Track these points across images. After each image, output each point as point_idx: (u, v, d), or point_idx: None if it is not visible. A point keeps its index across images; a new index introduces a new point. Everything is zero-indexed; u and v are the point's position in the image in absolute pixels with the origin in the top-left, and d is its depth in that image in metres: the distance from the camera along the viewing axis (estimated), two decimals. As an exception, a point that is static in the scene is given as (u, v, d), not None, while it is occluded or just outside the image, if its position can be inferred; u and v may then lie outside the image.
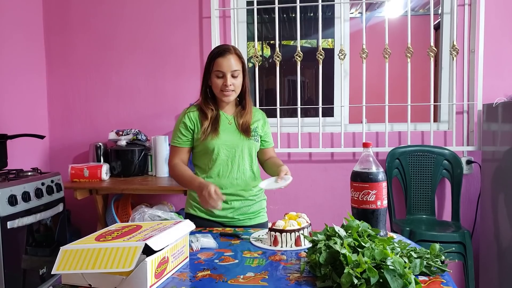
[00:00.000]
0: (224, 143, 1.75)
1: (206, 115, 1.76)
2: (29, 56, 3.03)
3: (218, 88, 1.73)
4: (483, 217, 2.66)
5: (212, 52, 1.75)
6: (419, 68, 3.26)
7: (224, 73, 1.70)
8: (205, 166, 1.78)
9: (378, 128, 2.92)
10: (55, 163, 3.18)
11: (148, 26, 3.07)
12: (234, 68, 1.71)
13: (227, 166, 1.76)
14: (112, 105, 3.14)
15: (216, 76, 1.72)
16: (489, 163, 2.59)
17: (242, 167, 1.79)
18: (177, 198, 3.06)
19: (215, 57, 1.71)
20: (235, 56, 1.72)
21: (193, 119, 1.78)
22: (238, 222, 1.80)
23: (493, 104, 2.49)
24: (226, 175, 1.76)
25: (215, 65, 1.71)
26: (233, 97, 1.77)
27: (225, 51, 1.71)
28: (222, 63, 1.70)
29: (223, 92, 1.73)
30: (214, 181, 1.74)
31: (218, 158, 1.75)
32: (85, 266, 1.03)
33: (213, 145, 1.73)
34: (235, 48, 1.75)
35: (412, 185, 2.75)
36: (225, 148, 1.75)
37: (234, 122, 1.81)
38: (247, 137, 1.78)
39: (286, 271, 1.17)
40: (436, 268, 1.11)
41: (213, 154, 1.74)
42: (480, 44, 2.69)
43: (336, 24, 2.96)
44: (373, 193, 1.28)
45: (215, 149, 1.74)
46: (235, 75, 1.72)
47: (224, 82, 1.71)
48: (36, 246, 2.30)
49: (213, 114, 1.77)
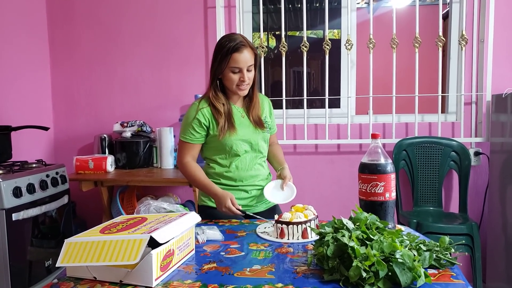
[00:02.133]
0: (241, 138, 1.74)
1: (219, 111, 1.72)
2: (33, 48, 3.01)
3: (234, 83, 1.69)
4: (491, 209, 2.63)
5: (225, 45, 1.66)
6: (427, 58, 3.21)
7: (241, 68, 1.67)
8: (223, 161, 1.77)
9: (385, 119, 2.89)
10: (60, 155, 3.18)
11: (152, 17, 3.04)
12: (250, 63, 1.68)
13: (245, 160, 1.77)
14: (117, 97, 3.13)
15: (231, 72, 1.67)
16: (497, 155, 2.55)
17: (259, 158, 1.82)
18: (182, 190, 3.06)
19: (231, 52, 1.64)
20: (250, 50, 1.68)
21: (207, 115, 1.72)
22: (255, 209, 1.82)
23: (502, 94, 2.45)
24: (245, 169, 1.78)
25: (231, 61, 1.65)
26: (247, 91, 1.75)
27: (241, 46, 1.65)
28: (239, 59, 1.65)
29: (240, 87, 1.70)
30: (233, 175, 1.76)
31: (236, 153, 1.75)
32: (89, 258, 1.02)
33: (231, 141, 1.72)
34: (247, 40, 1.69)
35: (419, 177, 2.73)
36: (242, 143, 1.75)
37: (245, 114, 1.80)
38: (261, 129, 1.79)
39: (293, 264, 1.15)
40: (446, 261, 1.09)
41: (231, 150, 1.74)
42: (489, 33, 2.64)
43: (343, 14, 2.92)
44: (382, 185, 1.26)
45: (234, 146, 1.73)
46: (249, 69, 1.69)
47: (241, 77, 1.68)
48: (41, 238, 2.31)
49: (226, 109, 1.74)
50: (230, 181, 1.77)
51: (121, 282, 1.03)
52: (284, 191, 1.76)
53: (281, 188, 1.77)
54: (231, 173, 1.76)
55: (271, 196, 1.75)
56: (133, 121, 2.94)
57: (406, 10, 4.42)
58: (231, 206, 1.63)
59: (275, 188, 1.78)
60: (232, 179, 1.77)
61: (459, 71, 2.79)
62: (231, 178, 1.77)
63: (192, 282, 1.04)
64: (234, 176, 1.76)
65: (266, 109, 1.89)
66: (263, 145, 1.82)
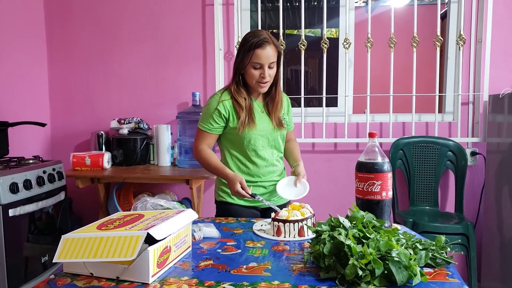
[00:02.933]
0: (260, 134, 1.75)
1: (241, 105, 1.72)
2: (31, 44, 3.00)
3: (254, 79, 1.70)
4: (487, 209, 2.64)
5: (249, 41, 1.66)
6: (425, 58, 3.22)
7: (263, 65, 1.66)
8: (241, 155, 1.78)
9: (382, 118, 2.89)
10: (57, 152, 3.18)
11: (150, 14, 3.03)
12: (272, 60, 1.68)
13: (264, 156, 1.78)
14: (114, 94, 3.12)
15: (253, 67, 1.68)
16: (494, 155, 2.57)
17: (276, 155, 1.84)
18: (179, 187, 3.06)
19: (254, 47, 1.65)
20: (273, 47, 1.68)
21: (228, 107, 1.73)
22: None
23: (499, 95, 2.46)
24: (264, 165, 1.79)
25: (253, 56, 1.65)
26: (267, 88, 1.75)
27: (264, 43, 1.64)
28: (261, 55, 1.65)
29: (259, 83, 1.71)
30: (251, 171, 1.78)
31: (254, 148, 1.76)
32: (86, 255, 1.02)
33: (250, 136, 1.73)
34: (272, 37, 1.69)
35: (415, 176, 2.74)
36: (261, 139, 1.76)
37: (265, 110, 1.81)
38: (280, 128, 1.81)
39: (290, 262, 1.16)
40: (442, 260, 1.10)
41: (249, 144, 1.75)
42: (487, 33, 2.65)
43: (341, 13, 2.92)
44: (378, 183, 1.26)
45: (252, 140, 1.74)
46: (271, 66, 1.69)
47: (262, 74, 1.68)
48: (38, 234, 2.30)
49: (247, 104, 1.74)
50: (249, 176, 1.78)
51: (118, 278, 1.03)
52: (297, 187, 1.76)
53: (294, 184, 1.77)
54: (249, 169, 1.78)
55: (284, 192, 1.76)
56: (130, 118, 2.93)
57: (404, 9, 4.43)
58: (240, 190, 1.63)
59: (287, 185, 1.79)
60: (250, 174, 1.78)
61: (456, 71, 2.80)
62: (250, 173, 1.78)
63: (188, 279, 1.04)
64: (253, 172, 1.78)
65: (285, 107, 1.89)
66: (280, 142, 1.85)
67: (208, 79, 3.00)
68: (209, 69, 2.99)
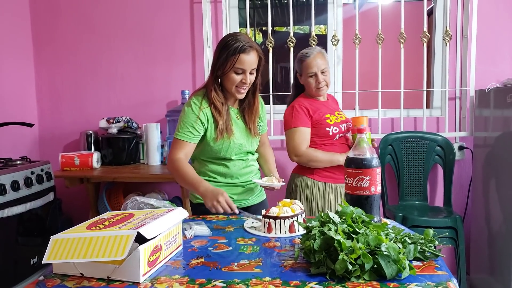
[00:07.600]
0: (236, 141, 1.73)
1: (220, 112, 1.68)
2: (16, 43, 2.96)
3: (234, 84, 1.65)
4: (475, 202, 2.68)
5: (231, 45, 1.61)
6: (412, 54, 3.24)
7: (245, 70, 1.63)
8: (214, 162, 1.76)
9: (371, 114, 2.91)
10: (45, 152, 3.14)
11: (138, 11, 3.01)
12: (254, 66, 1.65)
13: (239, 162, 1.78)
14: (102, 93, 3.10)
15: (234, 72, 1.63)
16: (481, 149, 2.60)
17: (251, 161, 1.84)
18: (169, 186, 3.05)
19: (238, 52, 1.59)
20: (256, 53, 1.64)
21: (208, 116, 1.68)
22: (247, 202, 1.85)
23: (485, 90, 2.49)
24: (239, 173, 1.79)
25: (237, 61, 1.60)
26: (245, 94, 1.72)
27: (248, 48, 1.61)
28: (245, 61, 1.61)
29: (239, 88, 1.67)
30: (227, 180, 1.77)
31: (231, 156, 1.74)
32: (76, 255, 1.02)
33: (227, 144, 1.71)
34: (254, 43, 1.66)
35: (404, 171, 2.76)
36: (237, 147, 1.74)
37: (240, 116, 1.79)
38: (256, 135, 1.80)
39: (280, 258, 1.16)
40: (430, 253, 1.11)
41: (226, 153, 1.73)
42: (473, 29, 2.68)
43: (329, 10, 2.93)
44: (367, 179, 1.27)
45: (229, 149, 1.72)
46: (252, 72, 1.66)
47: (243, 79, 1.64)
48: (27, 236, 2.28)
49: (224, 110, 1.70)
50: (227, 178, 1.78)
51: (108, 278, 1.03)
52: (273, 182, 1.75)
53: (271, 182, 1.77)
54: (226, 179, 1.77)
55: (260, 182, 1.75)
56: (119, 117, 2.91)
57: (392, 6, 4.45)
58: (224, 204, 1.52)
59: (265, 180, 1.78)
60: (228, 176, 1.78)
61: (443, 67, 2.83)
62: (227, 175, 1.77)
63: (179, 277, 1.04)
64: (230, 180, 1.78)
65: (259, 111, 1.86)
66: (255, 146, 1.85)
67: (197, 77, 2.99)
68: (198, 67, 2.98)
